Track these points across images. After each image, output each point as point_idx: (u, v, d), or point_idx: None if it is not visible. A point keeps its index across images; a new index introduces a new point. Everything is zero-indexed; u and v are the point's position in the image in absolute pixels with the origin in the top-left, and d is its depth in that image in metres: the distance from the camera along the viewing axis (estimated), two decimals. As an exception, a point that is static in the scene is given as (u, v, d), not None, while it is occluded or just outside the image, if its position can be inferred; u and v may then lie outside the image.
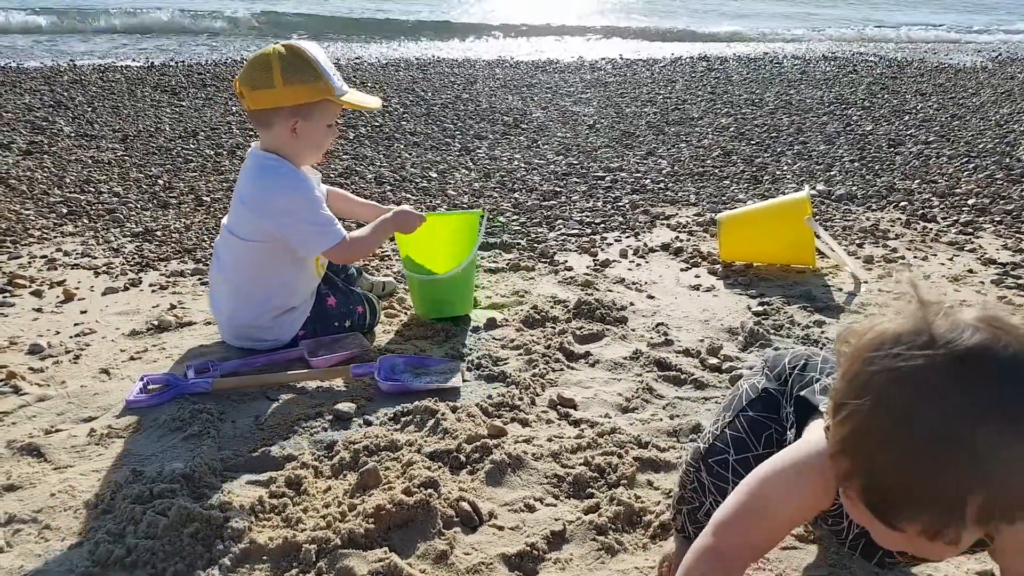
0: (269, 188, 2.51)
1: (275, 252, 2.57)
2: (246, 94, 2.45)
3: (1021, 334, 0.95)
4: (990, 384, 0.91)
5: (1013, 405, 0.91)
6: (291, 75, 2.40)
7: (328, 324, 2.77)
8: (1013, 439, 0.90)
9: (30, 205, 4.16)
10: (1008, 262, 3.66)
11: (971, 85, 8.89)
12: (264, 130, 2.53)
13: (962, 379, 0.92)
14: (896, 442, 0.94)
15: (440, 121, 6.59)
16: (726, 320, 3.05)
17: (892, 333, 1.00)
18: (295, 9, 16.05)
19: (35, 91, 7.05)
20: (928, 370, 0.94)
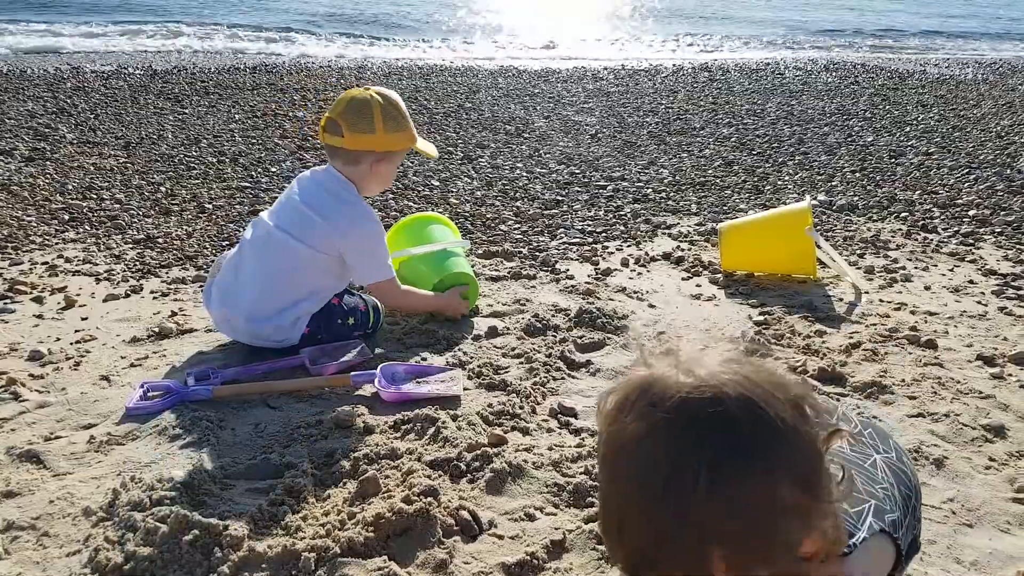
0: (354, 214, 2.72)
1: (331, 265, 2.73)
2: (345, 132, 2.66)
3: (741, 383, 0.94)
4: (701, 440, 0.91)
5: (722, 457, 0.90)
6: (389, 124, 2.69)
7: (332, 320, 2.80)
8: (729, 489, 0.89)
9: (32, 211, 4.17)
10: (1008, 273, 3.66)
11: (972, 97, 8.91)
12: (346, 164, 2.74)
13: (677, 439, 0.92)
14: (632, 508, 0.95)
15: (443, 130, 6.61)
16: (727, 330, 3.05)
17: (615, 403, 0.99)
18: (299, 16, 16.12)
19: (38, 98, 7.07)
20: (645, 434, 0.94)
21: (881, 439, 1.48)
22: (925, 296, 3.44)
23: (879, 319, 3.16)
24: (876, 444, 1.45)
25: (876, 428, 1.52)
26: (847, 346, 2.89)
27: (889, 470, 1.38)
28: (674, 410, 0.92)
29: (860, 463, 1.36)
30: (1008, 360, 2.80)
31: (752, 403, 0.92)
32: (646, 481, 0.92)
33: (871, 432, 1.49)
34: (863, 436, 1.46)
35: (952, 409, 2.44)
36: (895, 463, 1.41)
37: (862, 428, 1.50)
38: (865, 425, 1.51)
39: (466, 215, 4.43)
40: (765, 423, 0.91)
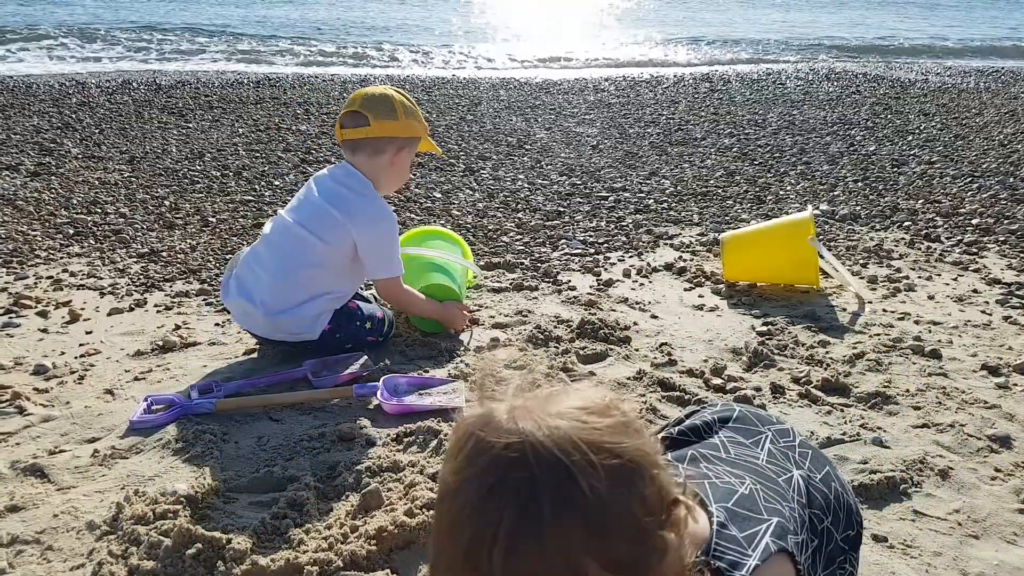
0: (372, 209, 2.79)
1: (347, 261, 2.78)
2: (372, 120, 2.75)
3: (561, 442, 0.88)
4: (501, 509, 0.86)
5: (517, 529, 0.85)
6: (409, 109, 2.82)
7: (351, 321, 2.85)
8: (526, 565, 0.85)
9: (37, 226, 4.19)
10: (1012, 282, 3.66)
11: (975, 105, 8.91)
12: (370, 156, 2.81)
13: (481, 501, 0.88)
14: (441, 558, 0.91)
15: (444, 142, 6.63)
16: (730, 340, 3.04)
17: (451, 443, 0.97)
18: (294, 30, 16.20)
19: (43, 113, 7.11)
20: (458, 489, 0.90)
21: (815, 461, 1.42)
22: (929, 306, 3.43)
23: (883, 329, 3.16)
24: (802, 462, 1.39)
25: (815, 451, 1.46)
26: (851, 356, 2.88)
27: (805, 487, 1.32)
28: (484, 468, 0.88)
29: (774, 477, 1.30)
30: (1013, 369, 2.79)
31: (561, 470, 0.85)
32: (453, 539, 0.89)
33: (805, 452, 1.43)
34: (791, 453, 1.40)
35: (957, 419, 2.44)
36: (816, 485, 1.35)
37: (795, 444, 1.44)
38: (803, 444, 1.45)
39: (468, 227, 4.43)
40: (567, 496, 0.84)
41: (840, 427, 2.39)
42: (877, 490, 2.06)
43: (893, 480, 2.09)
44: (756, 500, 1.18)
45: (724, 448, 1.35)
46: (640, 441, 0.92)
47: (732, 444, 1.37)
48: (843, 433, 2.34)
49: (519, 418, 0.91)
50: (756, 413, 1.50)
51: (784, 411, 2.49)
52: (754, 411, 1.51)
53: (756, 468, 1.29)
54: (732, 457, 1.33)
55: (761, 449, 1.38)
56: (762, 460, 1.33)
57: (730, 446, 1.37)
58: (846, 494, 1.40)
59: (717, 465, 1.28)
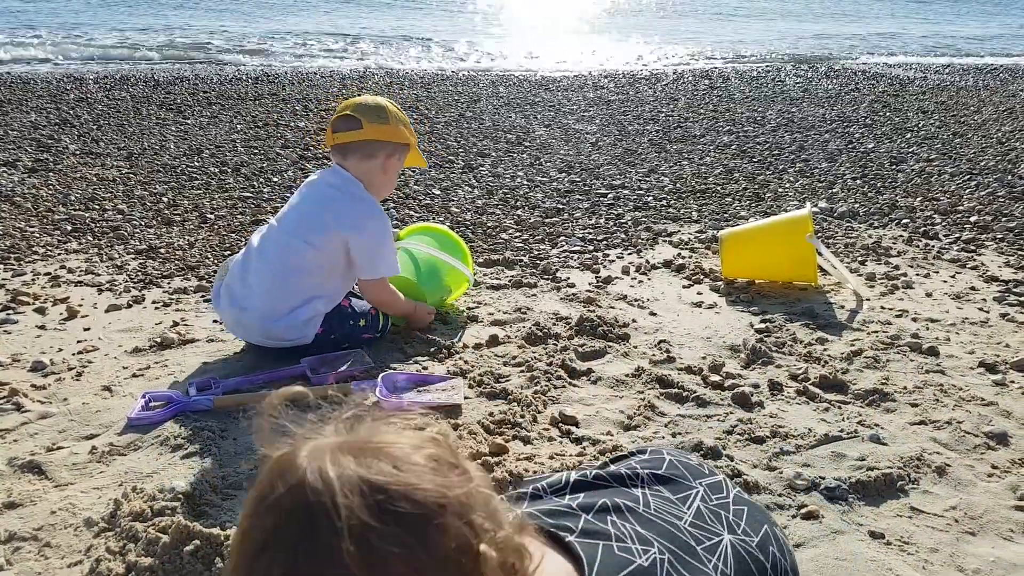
0: (364, 209, 2.80)
1: (337, 264, 2.78)
2: (365, 124, 2.77)
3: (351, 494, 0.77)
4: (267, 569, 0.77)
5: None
6: (400, 117, 2.87)
7: (343, 322, 2.85)
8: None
9: (35, 222, 4.19)
10: (1010, 279, 3.66)
11: (973, 103, 8.92)
12: (362, 159, 2.81)
13: (254, 554, 0.79)
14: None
15: (443, 139, 6.63)
16: (728, 337, 3.05)
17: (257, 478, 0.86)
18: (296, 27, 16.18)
19: (41, 109, 7.10)
20: (242, 536, 0.82)
21: (751, 520, 1.29)
22: (927, 303, 3.43)
23: (880, 326, 3.16)
24: (736, 524, 1.26)
25: (752, 507, 1.34)
26: (849, 353, 2.89)
27: (734, 556, 1.19)
28: (262, 513, 0.80)
29: (692, 545, 1.17)
30: (1010, 367, 2.80)
31: (324, 531, 0.75)
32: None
33: (740, 510, 1.30)
34: (724, 512, 1.28)
35: (954, 416, 2.44)
36: (751, 551, 1.22)
37: (729, 500, 1.32)
38: (738, 500, 1.33)
39: (467, 224, 4.43)
40: (328, 558, 0.74)
41: (838, 424, 2.39)
42: (874, 487, 2.07)
43: (890, 477, 2.09)
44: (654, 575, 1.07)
45: (644, 502, 1.22)
46: (452, 486, 0.82)
47: (655, 498, 1.25)
48: (841, 430, 2.34)
49: (329, 457, 0.81)
50: (688, 464, 1.39)
51: (782, 408, 2.49)
52: (686, 461, 1.40)
53: (673, 532, 1.17)
54: (650, 513, 1.20)
55: (688, 507, 1.26)
56: (685, 521, 1.22)
57: (652, 499, 1.24)
58: (784, 558, 1.27)
59: (628, 522, 1.16)
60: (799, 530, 1.89)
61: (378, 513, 0.76)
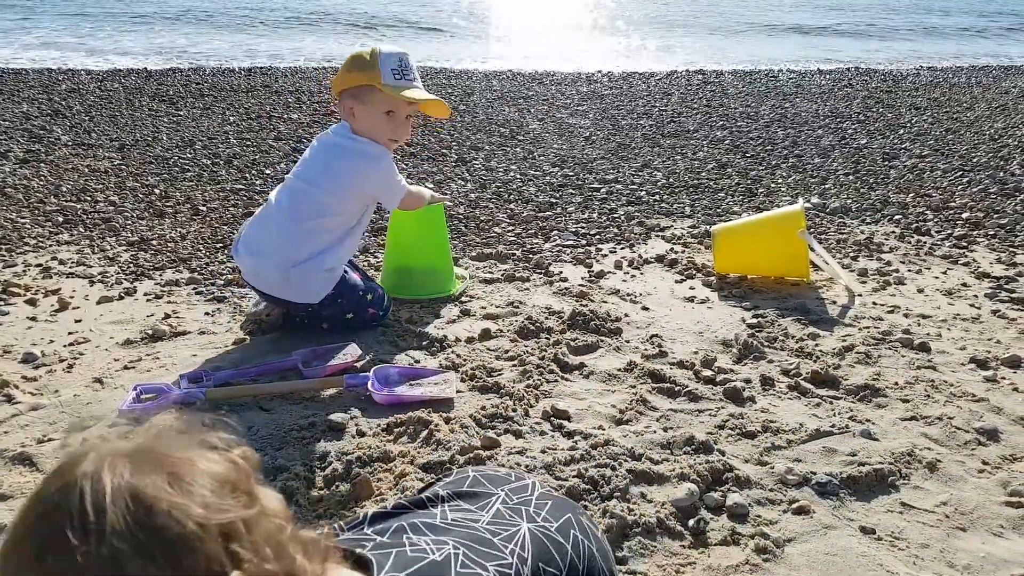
0: (367, 152, 2.90)
1: (350, 210, 2.92)
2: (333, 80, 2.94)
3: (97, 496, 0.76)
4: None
5: None
6: (352, 67, 2.85)
7: (354, 291, 2.95)
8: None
9: (26, 213, 4.16)
10: (1002, 276, 3.67)
11: (966, 99, 8.94)
12: (343, 112, 2.94)
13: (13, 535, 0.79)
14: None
15: (437, 132, 6.61)
16: (720, 332, 3.05)
17: None
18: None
19: (33, 99, 7.06)
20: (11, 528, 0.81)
21: (554, 510, 1.32)
22: (918, 299, 3.45)
23: (872, 322, 3.17)
24: (536, 514, 1.30)
25: (558, 500, 1.37)
26: (840, 349, 2.90)
27: (532, 539, 1.22)
28: (29, 506, 0.79)
29: (489, 538, 1.19)
30: (1001, 363, 2.81)
31: (79, 533, 0.73)
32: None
33: (543, 503, 1.34)
34: (526, 507, 1.31)
35: (945, 412, 2.45)
36: (550, 534, 1.26)
37: (532, 497, 1.35)
38: (543, 496, 1.36)
39: (460, 217, 4.43)
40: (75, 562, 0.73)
41: (829, 419, 2.40)
42: (865, 482, 2.08)
43: (881, 472, 2.10)
44: (448, 566, 1.10)
45: (441, 516, 1.26)
46: (224, 511, 0.80)
47: (453, 511, 1.28)
48: (832, 425, 2.35)
49: (93, 463, 0.79)
50: (491, 476, 1.42)
51: (773, 403, 2.50)
52: (490, 474, 1.43)
53: (470, 532, 1.20)
54: (447, 523, 1.23)
55: (487, 511, 1.29)
56: (483, 522, 1.25)
57: (450, 514, 1.27)
58: (589, 540, 1.30)
59: (424, 535, 1.18)
60: (790, 525, 1.90)
61: (136, 525, 0.75)
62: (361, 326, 2.97)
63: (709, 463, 2.09)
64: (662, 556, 1.78)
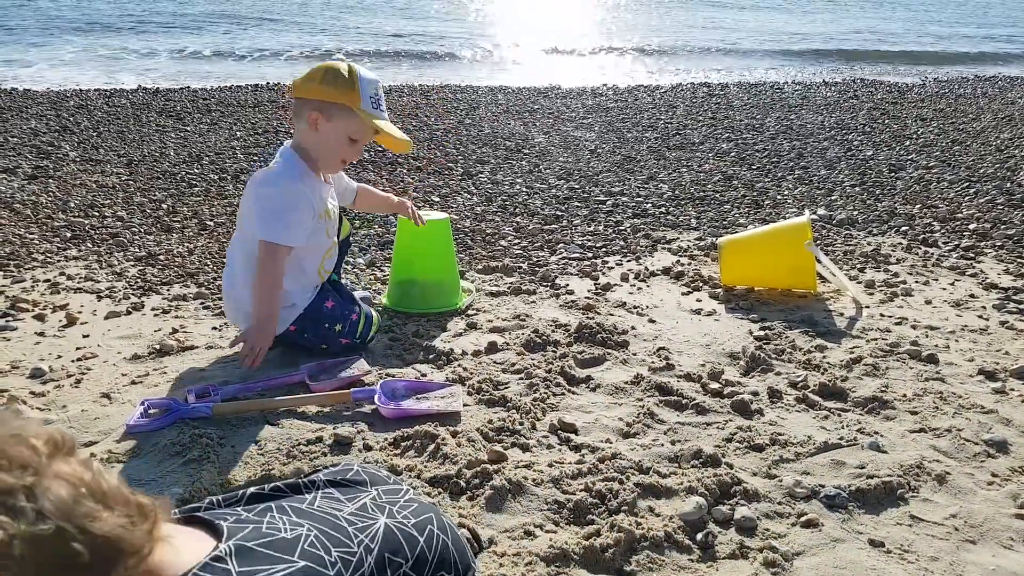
0: (270, 173, 2.72)
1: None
2: (294, 83, 2.72)
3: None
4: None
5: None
6: (330, 80, 2.67)
7: (319, 323, 2.84)
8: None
9: (34, 229, 4.19)
10: (1010, 287, 3.66)
11: (972, 110, 8.93)
12: (296, 122, 2.77)
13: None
14: None
15: (443, 146, 6.63)
16: (727, 345, 3.04)
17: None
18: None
19: (41, 116, 7.11)
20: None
21: (417, 511, 1.36)
22: (926, 310, 3.43)
23: (880, 334, 3.16)
24: (399, 512, 1.33)
25: (424, 505, 1.40)
26: (848, 361, 2.89)
27: (385, 532, 1.25)
28: None
29: (344, 526, 1.22)
30: (1010, 374, 2.80)
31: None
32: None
33: (409, 504, 1.37)
34: (391, 506, 1.34)
35: (954, 424, 2.44)
36: (406, 530, 1.29)
37: (400, 498, 1.39)
38: (412, 500, 1.40)
39: (466, 230, 4.43)
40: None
41: (837, 432, 2.39)
42: (874, 495, 2.06)
43: (890, 485, 2.09)
44: (295, 545, 1.13)
45: (310, 502, 1.29)
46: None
47: (324, 499, 1.32)
48: (840, 438, 2.34)
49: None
50: (374, 475, 1.46)
51: (781, 416, 2.49)
52: (372, 472, 1.47)
53: (328, 519, 1.24)
54: (312, 509, 1.26)
55: (354, 503, 1.33)
56: (345, 512, 1.28)
57: (319, 500, 1.31)
58: (446, 535, 1.34)
59: (287, 516, 1.22)
60: (799, 538, 1.89)
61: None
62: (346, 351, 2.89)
63: (717, 476, 2.09)
64: (670, 570, 1.77)
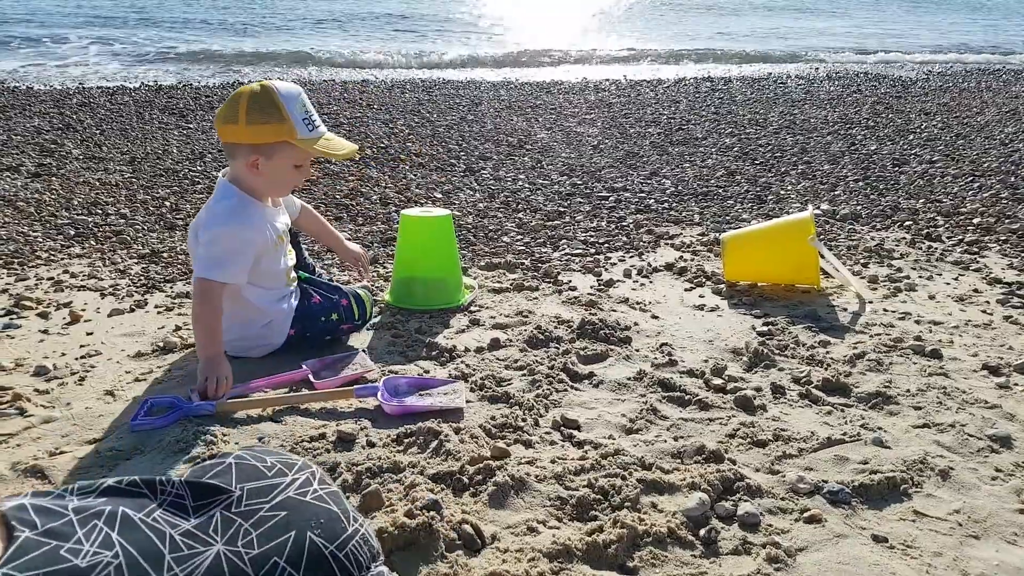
0: (215, 212, 2.60)
1: None
2: (216, 126, 2.58)
3: None
4: None
5: None
6: (255, 115, 2.47)
7: (314, 320, 2.86)
8: None
9: (38, 227, 4.19)
10: (1013, 281, 3.65)
11: (976, 104, 8.90)
12: (231, 160, 2.64)
13: None
14: None
15: (445, 142, 6.63)
16: (731, 340, 3.04)
17: None
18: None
19: (44, 114, 7.12)
20: None
21: (269, 538, 1.20)
22: (930, 305, 3.43)
23: (883, 329, 3.15)
24: (250, 531, 1.20)
25: (292, 515, 1.25)
26: (851, 356, 2.88)
27: (211, 567, 1.12)
28: None
29: (162, 551, 1.12)
30: (1014, 369, 2.79)
31: None
32: None
33: (274, 515, 1.24)
34: (247, 519, 1.22)
35: (958, 419, 2.44)
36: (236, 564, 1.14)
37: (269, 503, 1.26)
38: (284, 503, 1.27)
39: (469, 227, 4.43)
40: None
41: (841, 427, 2.39)
42: (877, 490, 2.06)
43: (894, 480, 2.09)
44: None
45: (149, 511, 1.16)
46: None
47: (170, 507, 1.18)
48: (844, 433, 2.34)
49: None
50: (250, 467, 1.32)
51: (784, 411, 2.49)
52: (248, 463, 1.33)
53: (149, 541, 1.12)
54: (143, 522, 1.15)
55: (199, 515, 1.19)
56: (180, 530, 1.16)
57: (164, 509, 1.18)
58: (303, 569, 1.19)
59: (104, 531, 1.11)
60: (802, 534, 1.89)
61: None
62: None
63: (720, 472, 2.09)
64: (673, 566, 1.77)
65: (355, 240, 4.14)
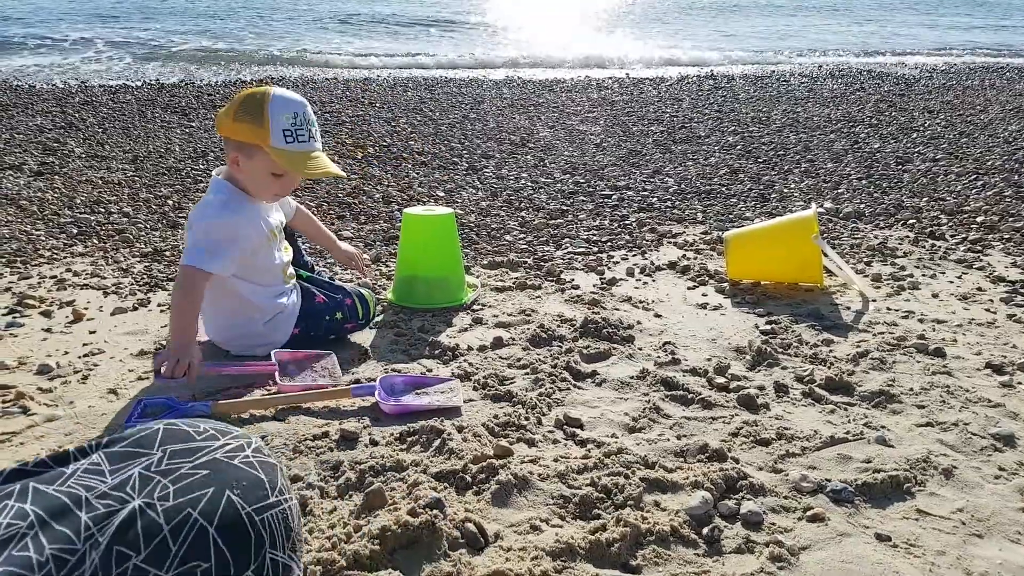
0: (205, 203, 2.66)
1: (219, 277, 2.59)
2: (217, 117, 2.65)
3: None
4: None
5: None
6: (242, 112, 2.53)
7: (318, 319, 2.88)
8: None
9: (40, 226, 4.20)
10: (1017, 280, 3.64)
11: (979, 102, 8.88)
12: (225, 156, 2.70)
13: None
14: None
15: (447, 140, 6.63)
16: (734, 339, 3.04)
17: None
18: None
19: (47, 112, 7.13)
20: None
21: (188, 490, 1.15)
22: (933, 304, 3.42)
23: (887, 327, 3.15)
24: (166, 487, 1.14)
25: (214, 471, 1.20)
26: (854, 355, 2.88)
27: (120, 527, 1.08)
28: None
29: (77, 515, 1.09)
30: (1017, 368, 2.79)
31: None
32: None
33: (195, 473, 1.18)
34: (165, 477, 1.16)
35: (961, 418, 2.43)
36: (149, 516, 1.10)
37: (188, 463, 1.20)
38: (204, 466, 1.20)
39: (471, 225, 4.43)
40: None
41: (844, 426, 2.38)
42: (880, 489, 2.06)
43: (897, 479, 2.08)
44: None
45: (64, 479, 1.13)
46: None
47: (85, 473, 1.15)
48: (847, 432, 2.34)
49: None
50: (178, 431, 1.27)
51: (787, 410, 2.49)
52: (174, 429, 1.28)
53: (64, 506, 1.09)
54: (56, 491, 1.11)
55: (117, 476, 1.15)
56: (97, 492, 1.12)
57: (79, 475, 1.14)
58: (215, 523, 1.13)
59: (24, 502, 1.08)
60: (805, 533, 1.89)
61: None
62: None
63: (723, 471, 2.08)
64: (676, 565, 1.77)
65: (358, 239, 4.14)
